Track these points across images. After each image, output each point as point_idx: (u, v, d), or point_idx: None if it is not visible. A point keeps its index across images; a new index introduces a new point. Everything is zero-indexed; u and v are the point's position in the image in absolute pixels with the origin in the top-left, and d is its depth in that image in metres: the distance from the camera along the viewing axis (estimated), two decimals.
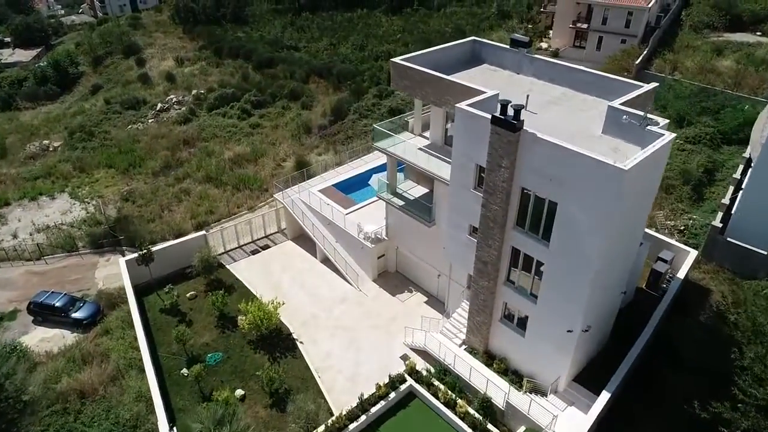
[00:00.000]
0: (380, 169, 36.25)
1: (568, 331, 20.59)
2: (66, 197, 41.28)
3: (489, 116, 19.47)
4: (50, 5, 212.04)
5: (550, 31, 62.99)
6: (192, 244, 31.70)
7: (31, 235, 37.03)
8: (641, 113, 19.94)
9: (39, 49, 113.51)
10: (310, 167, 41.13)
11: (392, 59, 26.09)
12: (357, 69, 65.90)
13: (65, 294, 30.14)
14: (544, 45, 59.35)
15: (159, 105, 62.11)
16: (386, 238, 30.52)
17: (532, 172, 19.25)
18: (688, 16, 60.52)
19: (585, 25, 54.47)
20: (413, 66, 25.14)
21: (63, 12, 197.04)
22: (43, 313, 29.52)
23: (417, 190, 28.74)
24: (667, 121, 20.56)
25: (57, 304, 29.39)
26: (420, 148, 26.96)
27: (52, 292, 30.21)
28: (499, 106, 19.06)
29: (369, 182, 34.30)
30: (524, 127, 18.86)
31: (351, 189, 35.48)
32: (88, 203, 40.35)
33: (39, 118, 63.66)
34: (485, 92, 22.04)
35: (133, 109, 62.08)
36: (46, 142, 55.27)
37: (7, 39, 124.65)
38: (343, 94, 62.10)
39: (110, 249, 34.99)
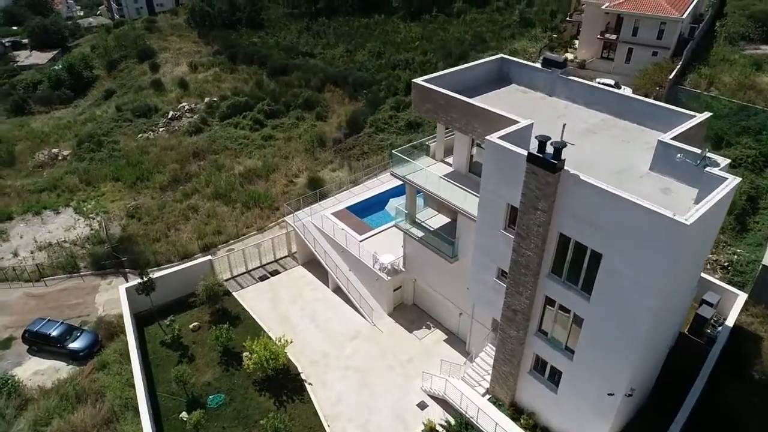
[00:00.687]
0: (397, 191, 34.11)
1: (609, 394, 18.28)
2: (70, 212, 39.79)
3: (525, 153, 17.25)
4: (69, 6, 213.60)
5: (576, 41, 60.43)
6: (197, 270, 29.87)
7: (32, 253, 35.54)
8: (698, 151, 17.59)
9: (55, 52, 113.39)
10: (324, 186, 39.20)
11: (414, 81, 23.94)
12: (373, 78, 63.92)
13: (62, 322, 28.45)
14: (570, 56, 56.78)
15: (170, 113, 60.71)
16: (403, 269, 28.37)
17: (573, 217, 16.99)
18: (722, 27, 57.55)
19: (614, 36, 51.87)
20: (437, 89, 22.98)
21: (82, 13, 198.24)
22: (38, 343, 27.87)
23: (438, 219, 26.61)
24: (728, 161, 18.14)
25: (53, 334, 27.70)
26: (442, 177, 24.78)
27: (49, 320, 28.55)
28: (536, 142, 16.83)
29: (386, 208, 32.20)
30: (565, 167, 16.62)
31: (366, 212, 33.43)
32: (93, 219, 38.79)
33: (50, 124, 62.62)
34: (518, 122, 19.82)
35: (144, 117, 60.75)
36: (55, 150, 54.09)
37: (25, 40, 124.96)
38: (359, 103, 60.23)
39: (113, 271, 33.32)
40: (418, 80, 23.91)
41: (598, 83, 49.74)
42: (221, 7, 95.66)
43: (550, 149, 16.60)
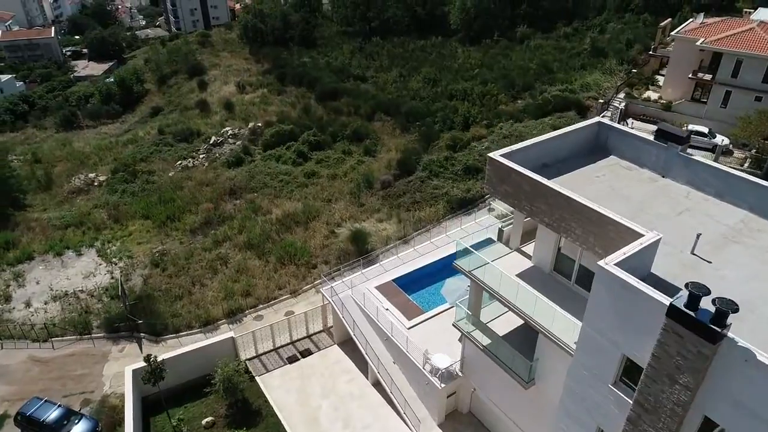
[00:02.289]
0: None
1: None
2: (93, 254, 36.61)
3: (665, 302, 11.83)
4: (133, 16, 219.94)
5: (660, 78, 53.76)
6: (216, 350, 25.68)
7: (45, 304, 32.34)
8: None
9: (111, 63, 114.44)
10: (368, 244, 34.50)
11: (490, 155, 18.85)
12: (428, 108, 59.14)
13: (59, 406, 24.67)
14: (652, 95, 50.24)
15: (213, 138, 57.71)
16: (461, 374, 23.11)
17: (733, 405, 11.44)
18: None
19: (708, 76, 45.14)
20: (520, 169, 17.82)
21: (144, 23, 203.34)
22: (31, 429, 24.13)
23: (509, 319, 21.29)
24: None
25: (48, 420, 23.92)
26: (519, 275, 19.50)
27: (46, 401, 24.83)
28: (687, 294, 11.38)
29: (442, 291, 27.06)
30: (729, 334, 11.12)
31: (416, 286, 28.45)
32: (115, 264, 35.37)
33: (91, 144, 60.90)
34: (641, 233, 14.40)
35: (186, 142, 58.06)
36: (92, 175, 51.83)
37: (85, 50, 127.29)
38: (411, 136, 55.57)
39: (127, 335, 29.57)
40: (496, 155, 18.78)
41: (688, 130, 43.18)
42: (274, 24, 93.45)
43: (707, 305, 11.15)
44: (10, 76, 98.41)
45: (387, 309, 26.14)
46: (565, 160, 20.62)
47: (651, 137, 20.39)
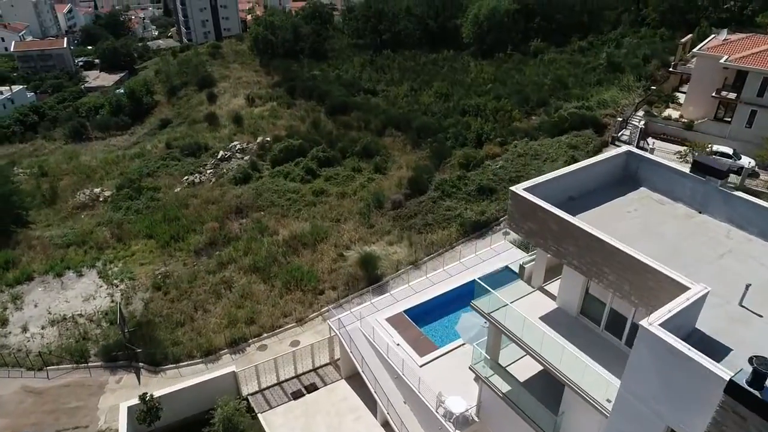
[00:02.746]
0: (470, 290, 27.55)
1: None
2: (94, 276, 35.48)
3: (724, 377, 10.27)
4: (146, 26, 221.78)
5: (680, 95, 52.13)
6: (217, 385, 24.30)
7: (43, 329, 31.18)
8: None
9: (122, 74, 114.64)
10: (377, 269, 33.07)
11: (513, 190, 17.38)
12: (440, 124, 57.80)
13: None
14: (673, 113, 48.58)
15: (220, 153, 56.79)
16: (477, 420, 21.51)
17: None
18: None
19: (733, 95, 43.46)
20: (547, 207, 16.33)
21: (156, 33, 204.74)
22: None
23: (530, 364, 19.69)
24: None
25: None
26: (543, 318, 17.98)
27: None
28: (751, 369, 9.82)
29: (456, 328, 25.50)
30: None
31: (429, 318, 26.98)
32: (116, 286, 34.20)
33: (98, 158, 60.16)
34: (687, 286, 12.87)
35: (193, 156, 57.17)
36: (97, 190, 50.95)
37: (97, 61, 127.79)
38: (422, 152, 54.27)
39: (125, 364, 28.30)
40: (519, 189, 17.32)
41: (712, 151, 41.48)
42: (285, 36, 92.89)
43: None
44: (21, 86, 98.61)
45: (398, 344, 24.65)
46: (592, 192, 19.13)
47: (686, 169, 18.83)
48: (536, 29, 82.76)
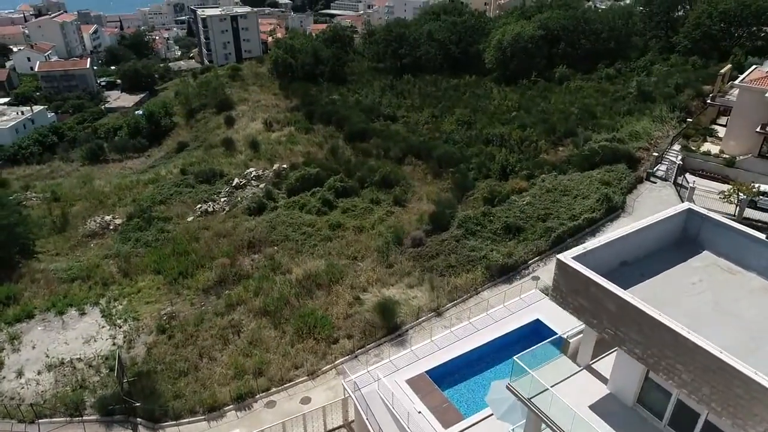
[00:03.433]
0: (500, 345, 25.08)
1: None
2: (97, 314, 33.65)
3: None
4: (169, 47, 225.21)
5: (719, 128, 49.31)
6: None
7: (38, 374, 29.29)
8: None
9: (142, 95, 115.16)
10: (396, 318, 30.67)
11: (560, 258, 14.98)
12: (462, 153, 55.67)
13: None
14: (712, 148, 45.73)
15: (235, 180, 55.26)
16: None
17: None
18: None
19: None
20: (604, 284, 13.87)
21: (179, 53, 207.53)
22: None
23: None
24: None
25: None
26: (592, 407, 15.40)
27: None
28: None
29: (486, 399, 22.88)
30: None
31: (454, 379, 24.49)
32: (119, 327, 32.28)
33: (112, 183, 59.12)
34: None
35: (208, 183, 55.73)
36: (108, 217, 49.63)
37: (119, 81, 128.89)
38: (444, 183, 52.18)
39: (122, 419, 26.18)
40: (567, 258, 14.91)
41: (759, 191, 38.54)
42: (305, 60, 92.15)
43: None
44: (42, 107, 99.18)
45: (419, 412, 22.12)
46: (648, 256, 16.67)
47: (761, 235, 16.25)
48: (561, 55, 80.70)
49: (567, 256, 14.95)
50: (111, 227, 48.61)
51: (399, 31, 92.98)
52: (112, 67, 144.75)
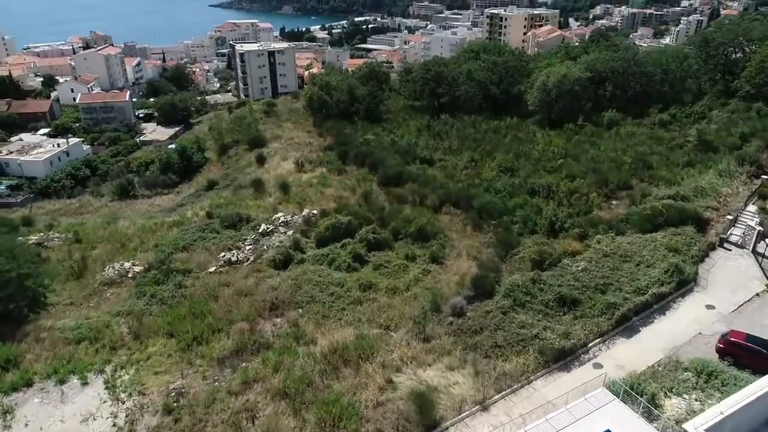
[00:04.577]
0: None
1: None
2: (100, 385, 30.34)
3: None
4: (208, 79, 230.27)
5: None
6: None
7: None
8: None
9: (177, 128, 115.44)
10: (433, 410, 26.27)
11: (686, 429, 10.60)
12: (504, 204, 51.48)
13: None
14: None
15: (263, 226, 52.26)
16: None
17: None
18: None
19: None
20: None
21: (218, 86, 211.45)
22: None
23: None
24: None
25: None
26: None
27: None
28: None
29: None
30: None
31: None
32: (122, 403, 28.81)
33: (136, 224, 56.94)
34: None
35: (233, 229, 52.93)
36: (127, 264, 47.07)
37: (156, 113, 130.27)
38: (485, 236, 48.03)
39: None
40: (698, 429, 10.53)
41: None
42: (340, 97, 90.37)
43: None
44: (78, 139, 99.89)
45: None
46: None
47: None
48: (608, 98, 76.48)
49: (697, 428, 10.60)
50: (130, 275, 45.96)
51: (437, 70, 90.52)
52: (151, 99, 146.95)
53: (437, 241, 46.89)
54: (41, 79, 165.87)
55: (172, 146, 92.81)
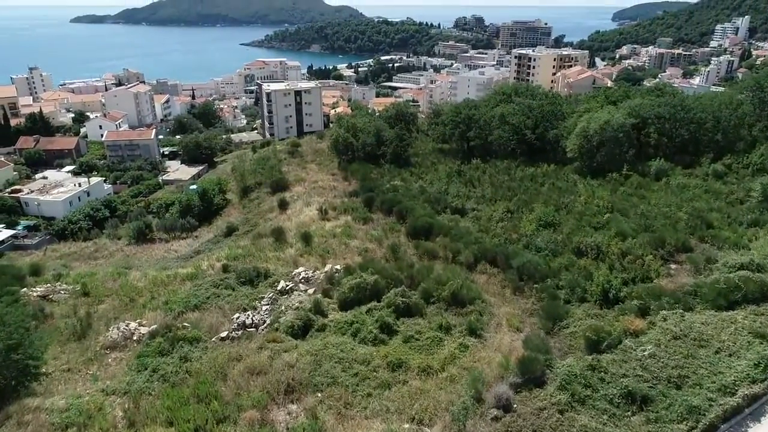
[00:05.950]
0: None
1: None
2: None
3: None
4: (236, 115, 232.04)
5: None
6: None
7: None
8: None
9: (200, 168, 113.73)
10: None
11: None
12: (548, 265, 46.47)
13: None
14: None
15: (281, 283, 48.07)
16: None
17: None
18: None
19: None
20: None
21: (245, 122, 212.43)
22: None
23: None
24: None
25: None
26: None
27: None
28: None
29: None
30: None
31: None
32: None
33: (148, 276, 53.29)
34: None
35: (250, 285, 48.93)
36: (133, 324, 43.17)
37: (181, 151, 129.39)
38: (526, 301, 43.13)
39: None
40: None
41: None
42: (366, 140, 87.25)
43: None
44: (99, 178, 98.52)
45: None
46: None
47: None
48: (653, 145, 71.47)
49: None
50: (135, 337, 41.97)
51: (468, 113, 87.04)
52: (177, 137, 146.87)
53: (474, 307, 41.94)
54: (72, 115, 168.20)
55: (194, 187, 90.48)
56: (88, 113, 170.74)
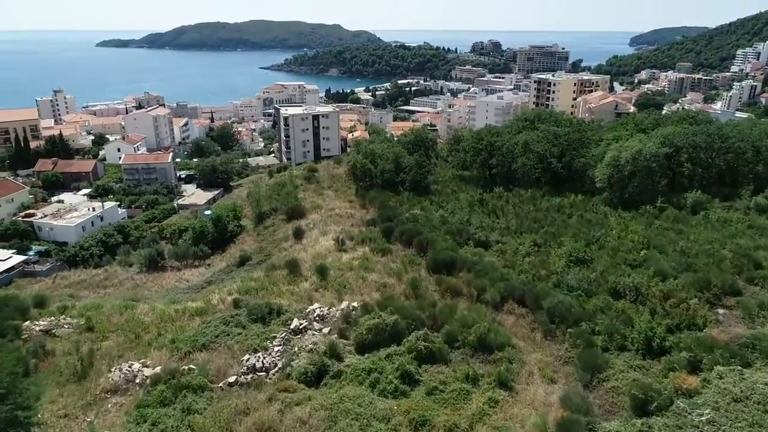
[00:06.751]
0: None
1: None
2: None
3: None
4: (253, 138, 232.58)
5: None
6: None
7: None
8: None
9: (216, 192, 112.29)
10: None
11: None
12: (582, 307, 42.87)
13: None
14: None
15: (295, 321, 45.11)
16: None
17: None
18: None
19: None
20: None
21: (263, 145, 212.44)
22: None
23: None
24: None
25: None
26: None
27: None
28: None
29: None
30: None
31: None
32: None
33: (155, 310, 50.77)
34: None
35: (261, 323, 45.98)
36: (137, 365, 40.45)
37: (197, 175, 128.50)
38: (559, 347, 39.58)
39: None
40: None
41: None
42: (384, 166, 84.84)
43: None
44: (113, 203, 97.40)
45: None
46: None
47: None
48: (689, 176, 67.81)
49: None
50: (137, 380, 39.21)
51: (490, 140, 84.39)
52: (195, 160, 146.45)
53: (503, 354, 38.49)
54: (92, 137, 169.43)
55: (208, 212, 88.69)
56: (108, 135, 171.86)
